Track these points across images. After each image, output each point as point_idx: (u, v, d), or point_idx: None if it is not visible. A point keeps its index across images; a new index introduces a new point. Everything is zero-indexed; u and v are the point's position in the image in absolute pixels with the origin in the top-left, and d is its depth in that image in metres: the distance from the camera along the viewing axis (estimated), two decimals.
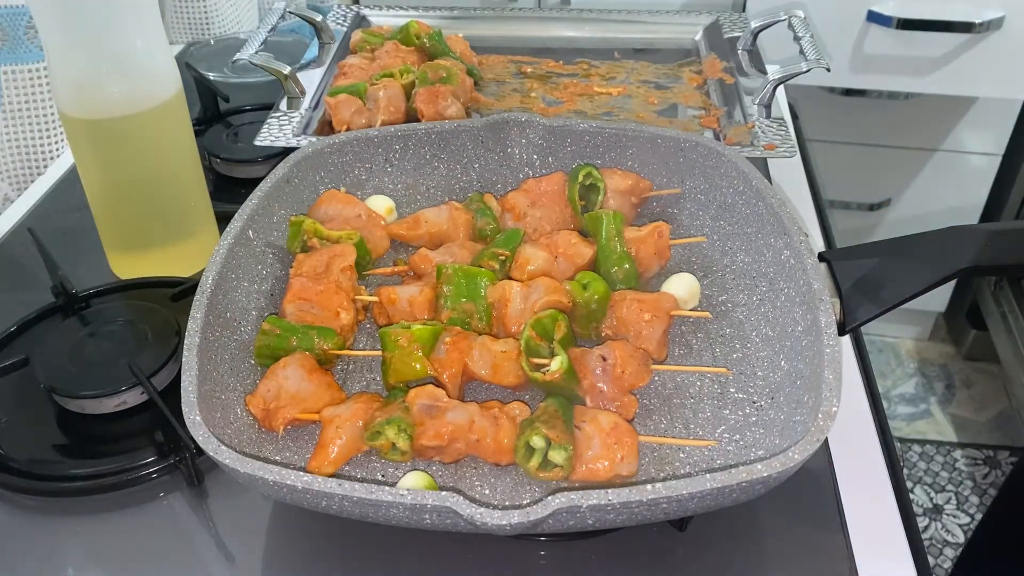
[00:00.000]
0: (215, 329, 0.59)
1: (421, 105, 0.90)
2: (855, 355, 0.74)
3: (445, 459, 0.56)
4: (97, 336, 0.71)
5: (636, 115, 0.98)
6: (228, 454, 0.49)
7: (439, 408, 0.56)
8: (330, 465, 0.55)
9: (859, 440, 0.66)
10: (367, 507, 0.47)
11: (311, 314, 0.64)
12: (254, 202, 0.68)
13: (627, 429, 0.55)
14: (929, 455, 1.85)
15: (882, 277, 0.59)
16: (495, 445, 0.55)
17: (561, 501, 0.45)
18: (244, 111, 1.06)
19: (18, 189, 1.03)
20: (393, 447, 0.56)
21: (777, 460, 0.47)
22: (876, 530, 0.59)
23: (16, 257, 0.87)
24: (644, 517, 0.49)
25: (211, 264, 0.62)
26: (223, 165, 0.95)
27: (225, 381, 0.59)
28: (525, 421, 0.56)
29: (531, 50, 1.12)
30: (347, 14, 1.17)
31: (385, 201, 0.76)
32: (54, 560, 0.58)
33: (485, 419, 0.56)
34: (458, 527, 0.48)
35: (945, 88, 1.60)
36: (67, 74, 0.70)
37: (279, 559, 0.58)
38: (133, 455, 0.63)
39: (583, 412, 0.57)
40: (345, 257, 0.67)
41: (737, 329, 0.65)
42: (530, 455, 0.54)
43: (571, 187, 0.73)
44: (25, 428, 0.66)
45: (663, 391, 0.62)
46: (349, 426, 0.56)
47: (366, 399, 0.59)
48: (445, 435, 0.55)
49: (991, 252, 0.57)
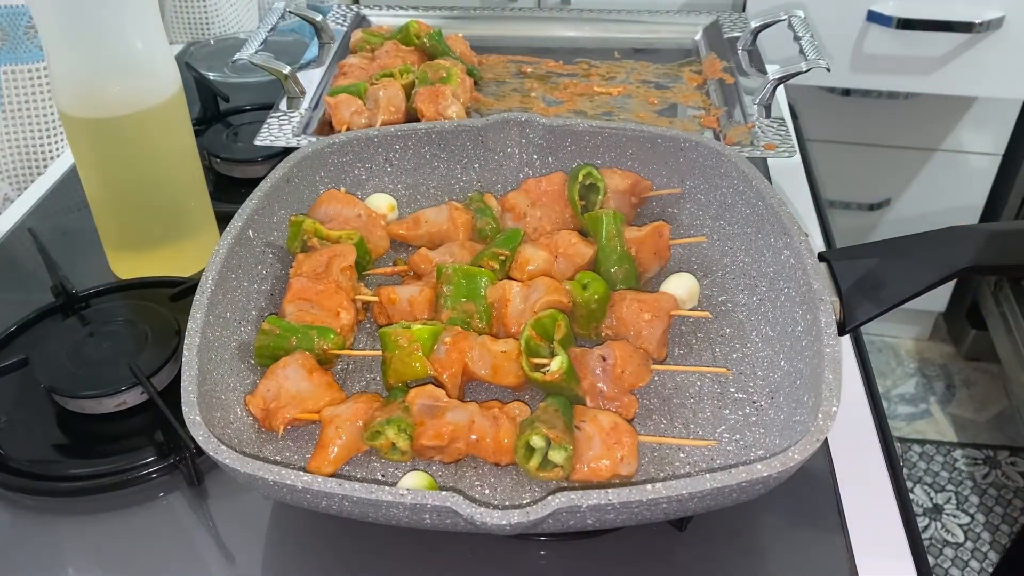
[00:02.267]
0: (215, 329, 0.59)
1: (421, 105, 0.90)
2: (855, 355, 0.73)
3: (445, 459, 0.56)
4: (97, 336, 0.71)
5: (636, 115, 0.98)
6: (228, 454, 0.49)
7: (439, 408, 0.56)
8: (330, 465, 0.55)
9: (859, 440, 0.66)
10: (367, 507, 0.47)
11: (311, 314, 0.64)
12: (254, 202, 0.68)
13: (627, 429, 0.55)
14: (929, 455, 1.85)
15: (882, 277, 0.59)
16: (495, 445, 0.55)
17: (561, 501, 0.45)
18: (244, 111, 1.06)
19: (18, 189, 1.03)
20: (393, 447, 0.56)
21: (777, 460, 0.47)
22: (876, 530, 0.59)
23: (16, 257, 0.87)
24: (644, 517, 0.49)
25: (211, 264, 0.62)
26: (223, 165, 0.95)
27: (225, 381, 0.59)
28: (525, 421, 0.56)
29: (531, 50, 1.12)
30: (347, 14, 1.17)
31: (386, 199, 0.76)
32: (54, 560, 0.58)
33: (485, 419, 0.56)
34: (458, 527, 0.48)
35: (945, 88, 1.60)
36: (67, 73, 0.70)
37: (279, 559, 0.58)
38: (133, 455, 0.63)
39: (583, 412, 0.57)
40: (345, 257, 0.67)
41: (737, 329, 0.65)
42: (530, 455, 0.54)
43: (571, 187, 0.73)
44: (25, 428, 0.66)
45: (663, 391, 0.62)
46: (349, 426, 0.56)
47: (366, 399, 0.59)
48: (445, 435, 0.55)
49: (991, 252, 0.57)
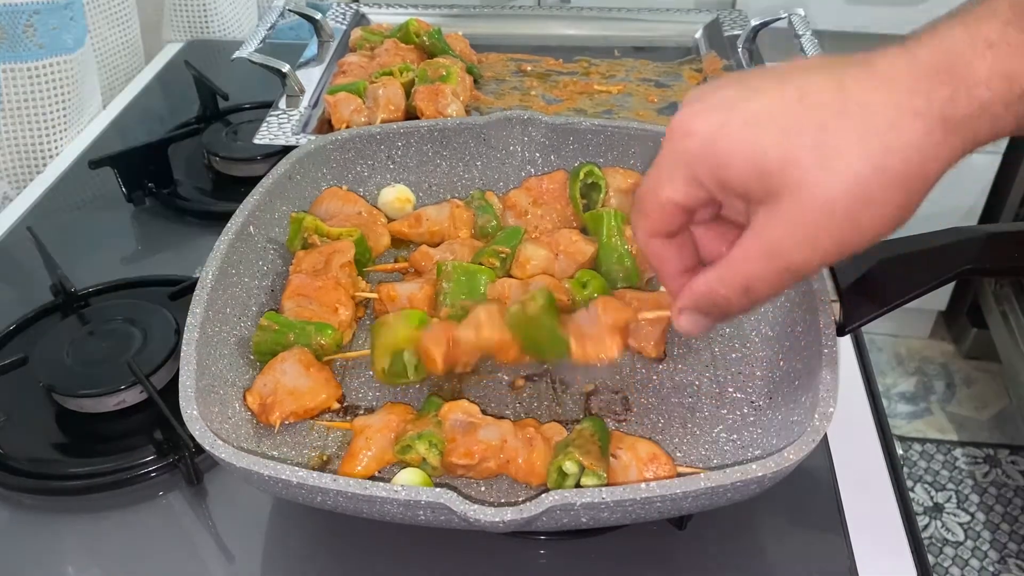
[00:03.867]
0: (214, 324, 0.59)
1: (420, 103, 0.90)
2: (855, 354, 0.73)
3: (475, 476, 0.55)
4: (96, 335, 0.71)
5: (636, 113, 0.97)
6: (224, 449, 0.49)
7: (472, 425, 0.55)
8: (358, 476, 0.54)
9: (859, 439, 0.66)
10: (361, 503, 0.47)
11: (309, 310, 0.63)
12: (256, 198, 0.67)
13: (665, 460, 0.54)
14: (929, 454, 1.85)
15: (882, 277, 0.59)
16: (527, 466, 0.54)
17: (555, 499, 0.45)
18: (243, 109, 1.05)
19: (17, 188, 1.02)
20: (423, 462, 0.55)
21: (772, 460, 0.47)
22: (876, 529, 0.59)
23: (15, 256, 0.87)
24: (639, 516, 0.49)
25: (211, 259, 0.61)
26: (222, 163, 0.95)
27: (224, 376, 0.59)
28: (559, 444, 0.54)
29: (531, 48, 1.12)
30: (346, 12, 1.17)
31: (402, 191, 0.75)
32: (54, 559, 0.58)
33: (518, 440, 0.54)
34: (452, 524, 0.48)
35: None
36: None
37: (278, 558, 0.58)
38: (132, 454, 0.63)
39: (620, 439, 0.55)
40: (344, 253, 0.67)
41: (737, 329, 0.65)
42: (562, 480, 0.53)
43: (572, 185, 0.73)
44: (24, 427, 0.66)
45: (661, 390, 0.62)
46: (380, 437, 0.55)
47: (399, 410, 0.58)
48: (476, 453, 0.54)
49: (991, 254, 0.57)
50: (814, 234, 0.38)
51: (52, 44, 0.98)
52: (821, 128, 0.37)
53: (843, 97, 0.38)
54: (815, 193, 0.37)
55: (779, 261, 0.40)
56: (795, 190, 0.38)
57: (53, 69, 0.99)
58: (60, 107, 1.02)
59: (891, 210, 0.38)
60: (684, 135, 0.41)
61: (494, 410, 0.60)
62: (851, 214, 0.37)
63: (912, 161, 0.37)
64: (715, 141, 0.40)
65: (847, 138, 0.37)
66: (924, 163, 0.37)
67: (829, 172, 0.37)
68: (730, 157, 0.40)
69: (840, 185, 0.37)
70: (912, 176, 0.37)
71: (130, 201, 0.91)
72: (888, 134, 0.37)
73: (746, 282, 0.42)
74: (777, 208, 0.39)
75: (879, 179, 0.37)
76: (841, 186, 0.37)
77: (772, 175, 0.38)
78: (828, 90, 0.38)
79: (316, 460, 0.57)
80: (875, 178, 0.37)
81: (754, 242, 0.41)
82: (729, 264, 0.42)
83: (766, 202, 0.39)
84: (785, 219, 0.39)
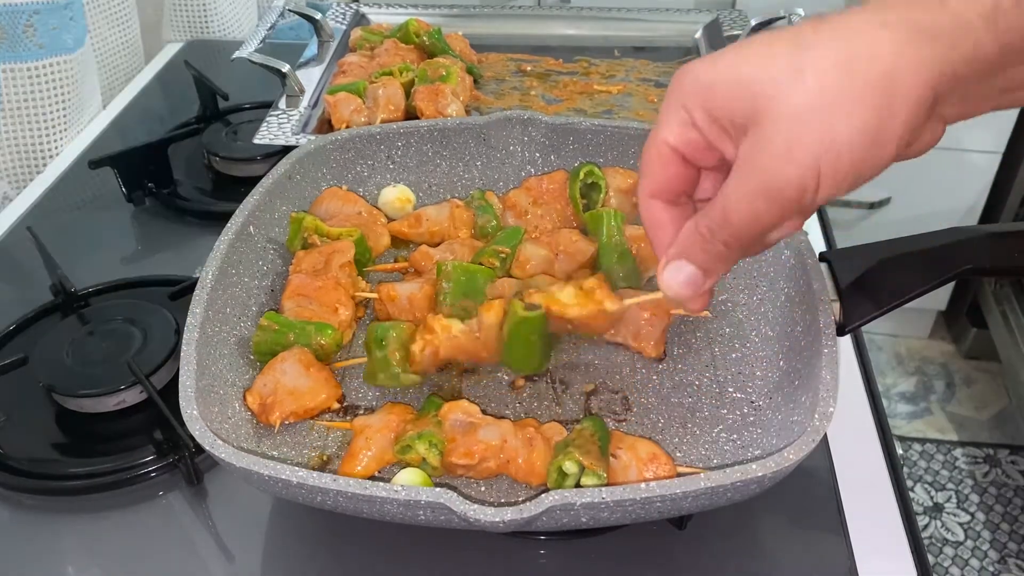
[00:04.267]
0: (214, 324, 0.59)
1: (420, 103, 0.90)
2: (855, 354, 0.73)
3: (475, 477, 0.55)
4: (96, 335, 0.71)
5: (636, 113, 0.97)
6: (224, 448, 0.49)
7: (472, 425, 0.55)
8: (357, 475, 0.54)
9: (859, 439, 0.66)
10: (361, 503, 0.47)
11: (309, 310, 0.63)
12: (256, 198, 0.67)
13: (665, 460, 0.54)
14: (929, 453, 1.85)
15: (882, 277, 0.59)
16: (527, 466, 0.54)
17: (554, 499, 0.45)
18: (243, 109, 1.05)
19: (17, 188, 1.03)
20: (423, 462, 0.55)
21: (772, 460, 0.47)
22: (876, 529, 0.59)
23: (15, 256, 0.87)
24: (638, 516, 0.49)
25: (212, 259, 0.61)
26: (222, 163, 0.95)
27: (224, 376, 0.59)
28: (559, 444, 0.54)
29: (531, 48, 1.12)
30: (346, 12, 1.17)
31: (402, 191, 0.75)
32: (54, 559, 0.58)
33: (518, 439, 0.55)
34: (452, 524, 0.48)
35: None
36: None
37: (278, 558, 0.58)
38: (132, 454, 0.63)
39: (620, 439, 0.56)
40: (344, 253, 0.67)
41: (737, 329, 0.65)
42: (562, 480, 0.53)
43: (572, 185, 0.73)
44: (24, 427, 0.66)
45: (661, 390, 0.62)
46: (380, 437, 0.55)
47: (399, 411, 0.58)
48: (476, 453, 0.54)
49: (991, 255, 0.57)
50: (787, 146, 0.38)
51: (52, 44, 0.98)
52: (795, 47, 0.38)
53: (820, 23, 0.39)
54: (786, 103, 0.38)
55: (754, 180, 0.40)
56: (771, 106, 0.38)
57: (53, 69, 1.00)
58: (60, 107, 1.02)
59: (866, 115, 0.37)
60: (680, 77, 0.42)
61: (494, 410, 0.60)
62: (823, 121, 0.37)
63: (880, 64, 0.37)
64: (705, 74, 0.41)
65: (817, 52, 0.38)
66: (894, 70, 0.37)
67: (798, 82, 0.38)
68: (715, 85, 0.41)
69: (807, 92, 0.38)
70: (882, 80, 0.37)
71: (130, 201, 0.91)
72: (854, 40, 0.37)
73: (724, 211, 0.41)
74: (756, 131, 0.39)
75: (845, 83, 0.37)
76: (808, 93, 0.38)
77: (754, 98, 0.39)
78: (810, 23, 0.39)
79: (316, 460, 0.57)
80: (841, 82, 0.37)
81: (734, 170, 0.41)
82: (712, 201, 0.42)
83: (749, 133, 0.40)
84: (760, 136, 0.39)
